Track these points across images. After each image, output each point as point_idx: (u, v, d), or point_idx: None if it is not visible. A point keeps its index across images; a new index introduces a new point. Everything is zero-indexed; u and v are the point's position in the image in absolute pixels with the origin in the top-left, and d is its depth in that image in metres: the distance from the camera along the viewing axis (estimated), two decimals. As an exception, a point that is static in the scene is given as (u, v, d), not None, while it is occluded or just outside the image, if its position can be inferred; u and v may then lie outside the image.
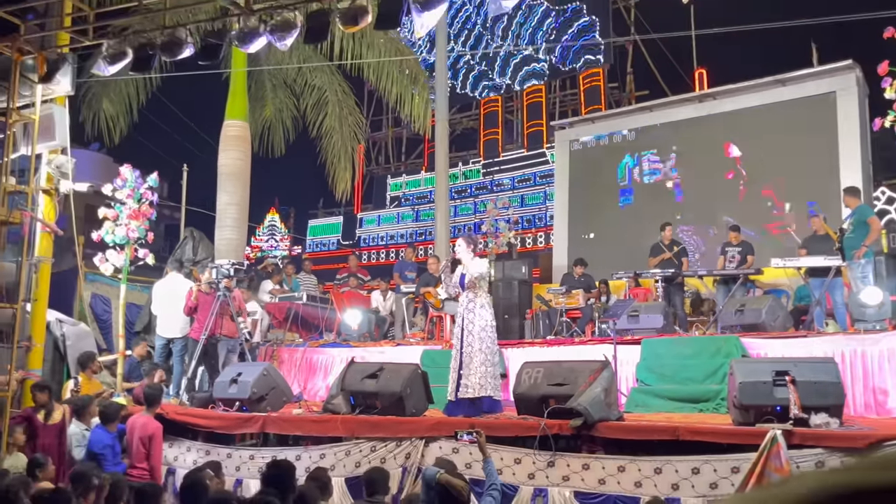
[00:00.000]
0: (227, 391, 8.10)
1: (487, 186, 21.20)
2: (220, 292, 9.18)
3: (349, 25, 6.71)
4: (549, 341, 9.84)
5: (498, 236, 16.74)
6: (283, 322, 11.12)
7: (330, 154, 14.04)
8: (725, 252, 10.57)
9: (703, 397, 7.58)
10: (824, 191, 12.66)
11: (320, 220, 25.01)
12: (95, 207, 9.88)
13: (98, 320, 12.12)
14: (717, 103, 14.74)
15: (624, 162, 15.97)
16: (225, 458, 7.46)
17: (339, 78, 14.11)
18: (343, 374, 7.71)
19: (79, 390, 8.52)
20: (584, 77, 19.98)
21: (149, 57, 7.48)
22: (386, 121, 24.02)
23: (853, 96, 13.06)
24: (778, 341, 7.83)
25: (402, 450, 6.81)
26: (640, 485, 5.87)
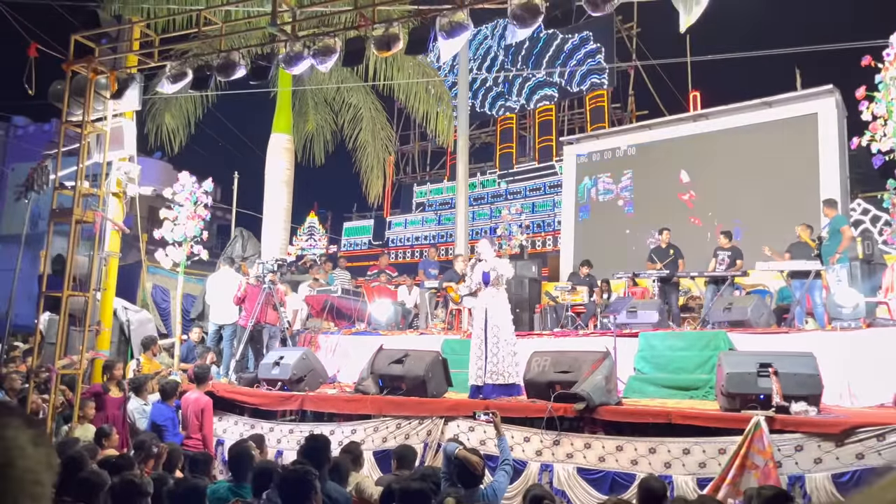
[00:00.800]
0: (270, 372, 8.14)
1: (502, 194, 21.17)
2: (266, 285, 9.24)
3: (382, 50, 6.72)
4: (556, 333, 9.79)
5: (511, 239, 16.72)
6: (320, 312, 11.16)
7: (364, 164, 14.08)
8: (717, 255, 10.44)
9: (693, 385, 7.50)
10: (806, 202, 12.49)
11: (354, 222, 25.10)
12: (157, 209, 9.99)
13: (158, 308, 12.24)
14: (709, 122, 14.61)
15: (583, 184, 16.11)
16: (267, 432, 7.51)
17: (373, 97, 14.15)
18: (373, 359, 7.73)
19: (140, 370, 8.61)
20: (590, 98, 19.91)
21: (206, 77, 7.53)
22: (413, 135, 24.05)
23: (833, 118, 12.89)
24: (762, 337, 7.73)
25: (423, 427, 6.81)
26: (636, 463, 5.83)
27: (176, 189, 9.77)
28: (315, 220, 25.93)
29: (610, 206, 15.85)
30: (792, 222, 10.97)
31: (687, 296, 11.62)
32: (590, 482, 5.93)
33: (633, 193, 15.59)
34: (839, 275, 8.68)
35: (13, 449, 0.84)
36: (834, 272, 8.73)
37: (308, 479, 3.21)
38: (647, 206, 15.22)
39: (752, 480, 5.19)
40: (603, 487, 5.86)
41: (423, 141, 23.59)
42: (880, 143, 7.72)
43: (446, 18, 6.26)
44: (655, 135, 15.45)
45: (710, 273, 10.18)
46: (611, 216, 15.73)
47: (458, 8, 6.31)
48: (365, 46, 6.82)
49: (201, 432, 6.99)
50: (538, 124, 21.07)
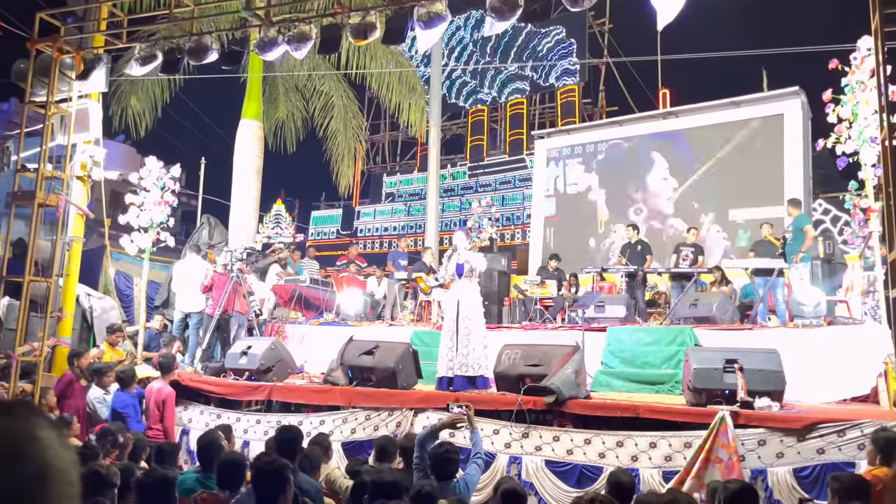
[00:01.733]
0: (237, 362, 8.05)
1: (472, 187, 21.19)
2: (234, 273, 9.12)
3: (359, 39, 6.65)
4: (525, 326, 9.86)
5: (481, 231, 16.75)
6: (288, 302, 11.06)
7: (334, 153, 13.96)
8: (679, 251, 10.56)
9: (659, 380, 7.61)
10: (770, 201, 12.74)
11: (322, 211, 24.90)
12: (122, 194, 9.77)
13: (121, 295, 11.98)
14: (678, 120, 14.80)
15: (551, 174, 16.21)
16: (234, 422, 7.42)
17: (345, 85, 14.02)
18: (343, 350, 7.69)
19: (101, 357, 8.43)
20: (561, 93, 19.99)
21: (176, 60, 7.38)
22: (384, 125, 23.91)
23: (798, 119, 13.16)
24: (726, 333, 7.87)
25: (393, 419, 6.81)
26: (604, 456, 5.91)
27: (142, 174, 9.57)
28: (282, 208, 25.67)
29: (580, 199, 15.97)
30: (757, 220, 11.20)
31: (653, 291, 11.79)
32: (558, 475, 5.99)
33: (603, 189, 15.72)
34: (801, 273, 8.88)
35: (48, 450, 0.81)
36: (796, 271, 8.92)
37: (283, 472, 3.18)
38: (618, 203, 15.39)
39: (716, 474, 5.29)
40: (571, 480, 5.92)
41: (394, 131, 23.47)
42: (844, 145, 7.88)
43: (424, 8, 6.22)
44: (625, 131, 15.60)
45: (676, 270, 10.33)
46: (579, 210, 15.85)
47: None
48: (341, 34, 6.75)
49: (162, 423, 6.88)
50: (509, 117, 21.11)
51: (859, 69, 7.83)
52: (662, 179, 14.83)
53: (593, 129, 16.56)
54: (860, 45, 7.75)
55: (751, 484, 4.41)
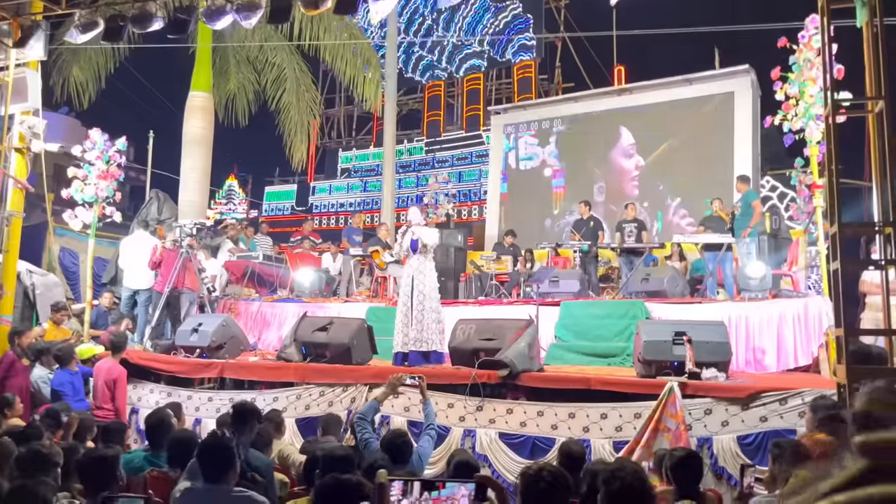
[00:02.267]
0: (188, 339, 7.92)
1: (429, 162, 21.08)
2: (184, 249, 8.94)
3: (310, 8, 6.51)
4: (481, 301, 9.92)
5: (438, 207, 16.74)
6: (241, 279, 10.89)
7: (287, 127, 13.71)
8: (622, 228, 10.65)
9: (611, 353, 7.76)
10: (720, 177, 13.00)
11: (276, 187, 24.50)
12: (64, 167, 9.45)
13: (66, 272, 11.64)
14: (633, 97, 14.94)
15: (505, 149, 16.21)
16: (185, 400, 7.32)
17: (298, 57, 13.73)
18: (296, 326, 7.63)
19: (43, 336, 8.20)
20: (517, 68, 19.95)
21: (119, 28, 7.11)
22: (339, 99, 23.53)
23: (748, 96, 13.40)
24: (676, 306, 8.06)
25: (347, 394, 6.80)
26: (556, 427, 6.01)
27: (86, 147, 9.25)
28: (235, 184, 25.21)
29: (535, 174, 16.03)
30: (709, 195, 11.42)
31: (607, 266, 11.97)
32: (511, 447, 6.07)
33: (559, 165, 15.81)
34: (749, 248, 9.12)
35: None
36: (744, 245, 9.16)
37: (228, 447, 3.14)
38: (574, 178, 15.49)
39: (665, 443, 5.44)
40: (524, 451, 6.01)
41: (350, 105, 23.12)
42: (792, 122, 8.06)
43: (377, -22, 6.11)
44: (581, 107, 15.68)
45: (629, 245, 10.48)
46: (535, 187, 15.92)
47: (390, -32, 6.17)
48: (292, 4, 6.59)
49: (113, 403, 6.75)
50: (466, 93, 21.00)
51: (807, 47, 7.98)
52: (626, 157, 14.94)
53: (549, 105, 16.60)
54: (808, 23, 7.91)
55: (696, 451, 4.53)
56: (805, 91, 7.96)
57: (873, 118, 4.80)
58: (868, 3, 4.93)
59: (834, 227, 4.48)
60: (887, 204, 4.50)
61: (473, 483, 2.33)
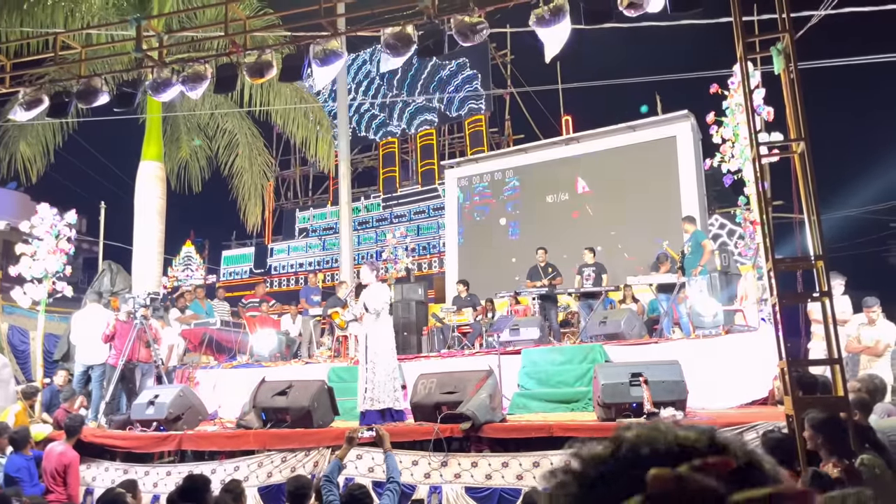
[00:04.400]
0: (144, 412, 7.74)
1: (387, 218, 21.26)
2: (138, 321, 8.81)
3: (255, 77, 6.65)
4: (444, 354, 9.93)
5: (397, 262, 16.80)
6: (199, 346, 10.73)
7: (241, 191, 13.74)
8: (582, 272, 10.87)
9: (573, 398, 7.81)
10: (668, 219, 13.37)
11: (233, 250, 24.33)
12: (13, 243, 9.31)
13: (15, 351, 11.33)
14: (580, 145, 15.39)
15: (459, 202, 16.52)
16: (143, 476, 7.12)
17: (249, 122, 13.87)
18: (255, 392, 7.52)
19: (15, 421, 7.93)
20: (468, 122, 20.45)
21: (65, 104, 7.14)
22: (294, 160, 23.72)
23: (689, 140, 13.93)
24: (634, 348, 8.18)
25: (310, 458, 6.70)
26: (522, 477, 6.00)
27: (34, 222, 9.16)
28: (192, 250, 24.91)
29: (489, 225, 16.29)
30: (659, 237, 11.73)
31: (566, 311, 12.12)
32: (477, 500, 6.03)
33: (513, 215, 16.09)
34: (700, 286, 9.36)
35: None
36: (696, 284, 9.40)
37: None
38: (528, 227, 15.76)
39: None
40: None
41: (305, 166, 23.31)
42: (729, 163, 8.43)
43: (320, 46, 6.30)
44: (532, 158, 16.08)
45: (586, 289, 10.67)
46: (490, 236, 16.15)
47: (332, 36, 6.37)
48: (237, 73, 6.73)
49: (65, 489, 6.52)
50: (420, 148, 21.40)
51: (737, 93, 8.41)
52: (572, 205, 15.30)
53: (500, 157, 16.98)
54: (735, 69, 8.35)
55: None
56: (739, 133, 8.36)
57: (797, 158, 5.08)
58: (783, 52, 5.27)
59: (769, 263, 4.68)
60: (817, 238, 4.73)
61: None
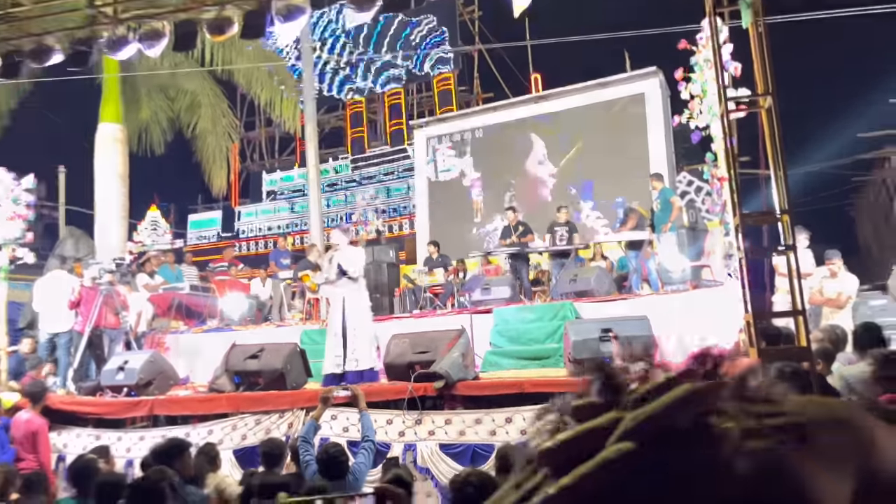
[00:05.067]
0: (114, 378, 7.67)
1: (356, 180, 21.01)
2: (104, 287, 8.67)
3: (216, 35, 6.46)
4: (416, 315, 9.98)
5: (367, 224, 16.74)
6: (168, 311, 10.61)
7: (205, 154, 13.47)
8: (554, 231, 10.92)
9: (544, 355, 7.92)
10: (637, 176, 13.45)
11: (200, 214, 23.91)
12: (-31, 210, 9.01)
13: (-22, 320, 11.09)
14: (550, 103, 15.34)
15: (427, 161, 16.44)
16: (115, 442, 7.09)
17: (211, 82, 13.52)
18: (226, 356, 7.50)
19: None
20: (437, 81, 20.17)
21: (17, 64, 6.88)
22: (259, 121, 23.23)
23: (658, 97, 13.96)
24: (604, 304, 8.30)
25: (284, 420, 6.73)
26: (495, 433, 6.10)
27: (-10, 188, 8.88)
28: (157, 214, 24.44)
29: (454, 185, 16.27)
30: (627, 196, 11.81)
31: (536, 270, 12.21)
32: (452, 456, 6.13)
33: (479, 174, 16.06)
34: (669, 242, 9.48)
35: None
36: (665, 240, 9.51)
37: (158, 486, 3.09)
38: (495, 187, 15.76)
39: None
40: (464, 460, 6.06)
41: (270, 127, 22.84)
42: (697, 119, 8.45)
43: (283, 2, 6.13)
44: (501, 116, 16.00)
45: (557, 247, 10.74)
46: (455, 198, 16.15)
47: (295, -10, 6.19)
48: (197, 30, 6.53)
49: (36, 456, 6.46)
50: (388, 108, 21.08)
51: (705, 48, 8.39)
52: (538, 164, 15.31)
53: (469, 117, 16.86)
54: (704, 24, 8.31)
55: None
56: (707, 90, 8.36)
57: (764, 113, 5.12)
58: (752, 6, 5.27)
59: (736, 218, 4.75)
60: (783, 193, 4.80)
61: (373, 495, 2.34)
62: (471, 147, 16.13)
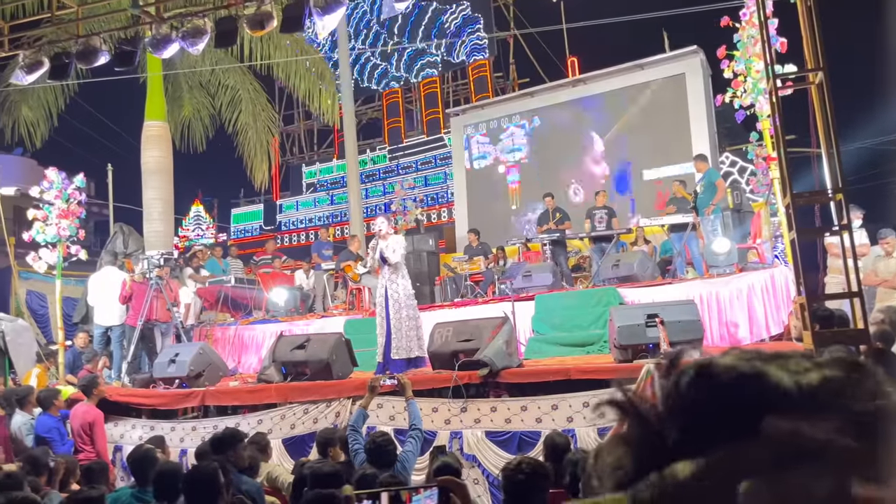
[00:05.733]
0: (166, 370, 7.85)
1: (394, 170, 21.10)
2: (153, 281, 8.87)
3: (256, 30, 6.52)
4: (457, 303, 9.97)
5: (406, 213, 16.78)
6: (215, 304, 10.82)
7: (246, 148, 13.63)
8: (593, 215, 10.78)
9: (588, 341, 7.86)
10: (679, 158, 13.21)
11: (242, 208, 24.34)
12: (24, 209, 9.33)
13: (35, 315, 11.49)
14: (587, 87, 15.12)
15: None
16: (169, 432, 7.26)
17: (251, 77, 13.66)
18: (273, 347, 7.61)
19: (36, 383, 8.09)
20: (472, 68, 20.07)
21: (65, 65, 7.04)
22: (297, 114, 23.45)
23: (699, 77, 13.64)
24: (648, 289, 8.18)
25: (331, 409, 6.80)
26: (541, 420, 6.07)
27: (43, 187, 9.14)
28: (201, 209, 24.96)
29: (493, 171, 16.18)
30: (667, 178, 11.59)
31: (577, 256, 12.10)
32: (498, 444, 6.13)
33: (518, 160, 15.93)
34: (713, 225, 9.29)
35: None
36: (709, 223, 9.32)
37: (213, 475, 3.15)
38: (532, 172, 15.63)
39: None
40: (511, 447, 6.06)
41: (309, 120, 23.05)
42: (741, 98, 8.24)
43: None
44: (538, 102, 15.83)
45: (598, 233, 10.62)
46: (495, 182, 16.06)
47: (332, -18, 6.20)
48: (237, 26, 6.59)
49: (93, 447, 6.65)
50: (424, 97, 21.08)
51: (749, 24, 8.17)
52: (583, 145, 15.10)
53: (506, 103, 16.73)
54: (747, 0, 8.10)
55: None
56: (751, 67, 8.15)
57: (815, 89, 4.96)
58: (799, -22, 5.08)
59: (787, 198, 4.61)
60: (835, 171, 4.65)
61: (437, 488, 2.35)
62: (510, 133, 16.00)
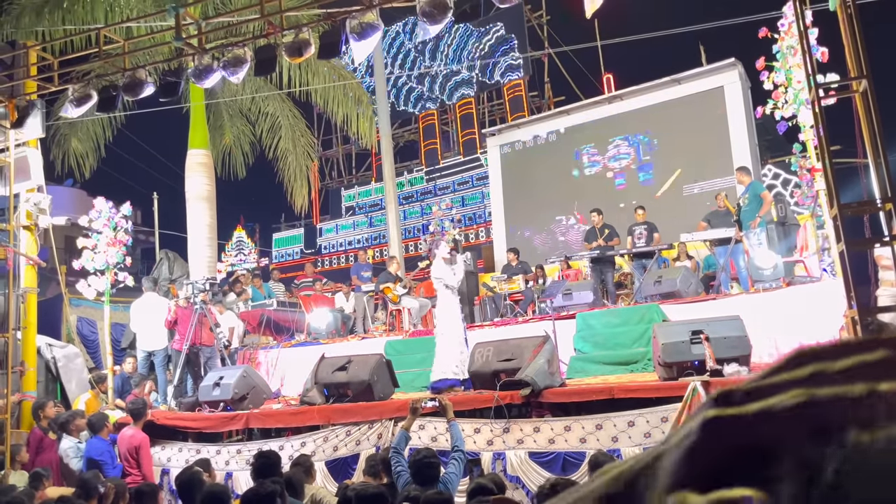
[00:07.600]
0: (211, 394, 7.97)
1: (431, 191, 21.24)
2: (198, 306, 9.03)
3: (294, 57, 6.65)
4: (497, 322, 9.93)
5: (444, 234, 16.82)
6: (257, 327, 10.97)
7: (286, 173, 13.88)
8: (633, 231, 10.69)
9: (632, 359, 7.73)
10: (720, 171, 13.03)
11: (283, 232, 24.73)
12: (74, 238, 9.61)
13: (85, 341, 11.77)
14: (624, 103, 15.04)
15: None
16: (214, 455, 7.35)
17: (290, 104, 13.95)
18: (315, 369, 7.66)
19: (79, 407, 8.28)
20: (507, 88, 20.17)
21: (112, 98, 7.29)
22: (336, 139, 23.84)
23: (738, 89, 13.47)
24: (692, 305, 8.02)
25: (374, 431, 6.81)
26: (585, 440, 5.98)
27: (92, 216, 9.42)
28: (243, 234, 25.43)
29: (533, 190, 16.13)
30: (709, 192, 11.41)
31: (619, 273, 11.95)
32: (542, 465, 6.05)
33: (558, 178, 15.89)
34: (759, 238, 9.10)
35: None
36: (754, 236, 9.14)
37: (272, 498, 3.18)
38: (570, 190, 15.56)
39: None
40: (555, 468, 5.98)
41: (347, 144, 23.42)
42: (783, 109, 8.10)
43: (356, 20, 6.25)
44: (574, 119, 15.80)
45: (638, 249, 10.49)
46: (534, 201, 16.02)
47: (367, 9, 6.32)
48: (276, 54, 6.74)
49: (140, 470, 6.77)
50: (460, 118, 21.24)
51: (788, 35, 8.05)
52: (619, 164, 15.03)
53: (542, 121, 16.74)
54: (786, 10, 7.99)
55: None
56: (792, 78, 8.01)
57: (859, 97, 4.85)
58: (839, -14, 5.00)
59: (834, 209, 4.50)
60: (883, 180, 4.52)
61: None
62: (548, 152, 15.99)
